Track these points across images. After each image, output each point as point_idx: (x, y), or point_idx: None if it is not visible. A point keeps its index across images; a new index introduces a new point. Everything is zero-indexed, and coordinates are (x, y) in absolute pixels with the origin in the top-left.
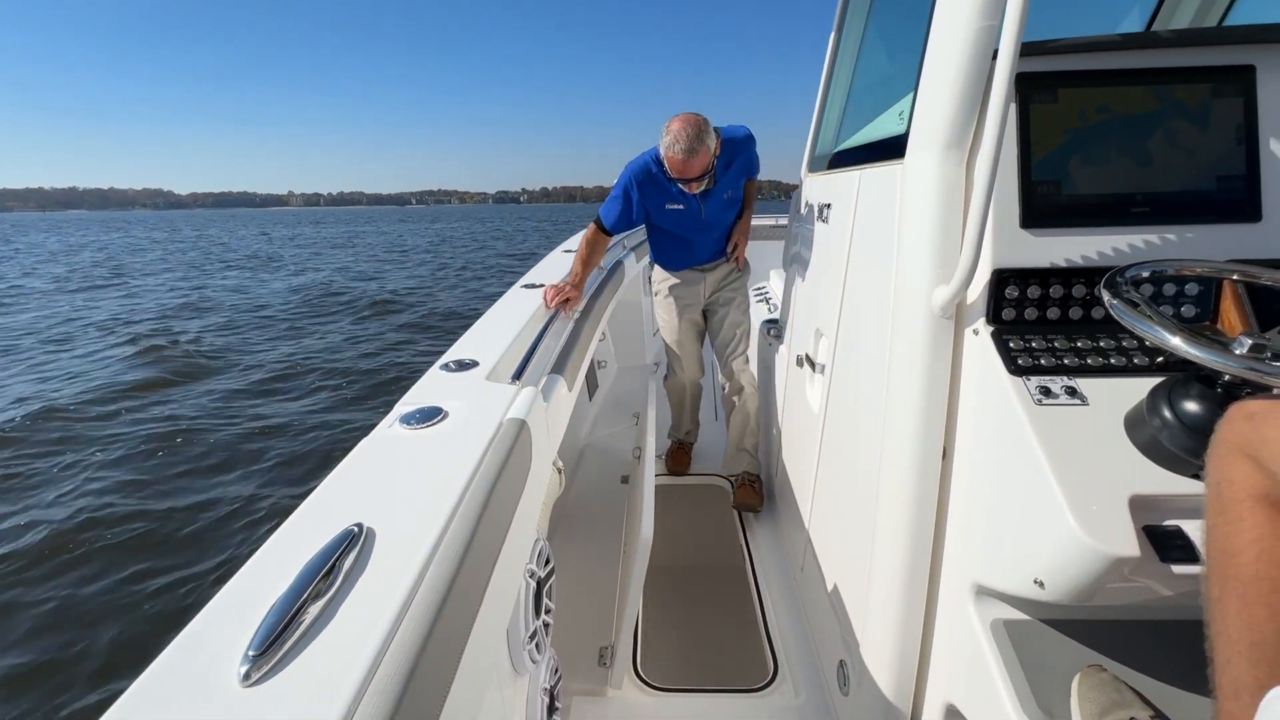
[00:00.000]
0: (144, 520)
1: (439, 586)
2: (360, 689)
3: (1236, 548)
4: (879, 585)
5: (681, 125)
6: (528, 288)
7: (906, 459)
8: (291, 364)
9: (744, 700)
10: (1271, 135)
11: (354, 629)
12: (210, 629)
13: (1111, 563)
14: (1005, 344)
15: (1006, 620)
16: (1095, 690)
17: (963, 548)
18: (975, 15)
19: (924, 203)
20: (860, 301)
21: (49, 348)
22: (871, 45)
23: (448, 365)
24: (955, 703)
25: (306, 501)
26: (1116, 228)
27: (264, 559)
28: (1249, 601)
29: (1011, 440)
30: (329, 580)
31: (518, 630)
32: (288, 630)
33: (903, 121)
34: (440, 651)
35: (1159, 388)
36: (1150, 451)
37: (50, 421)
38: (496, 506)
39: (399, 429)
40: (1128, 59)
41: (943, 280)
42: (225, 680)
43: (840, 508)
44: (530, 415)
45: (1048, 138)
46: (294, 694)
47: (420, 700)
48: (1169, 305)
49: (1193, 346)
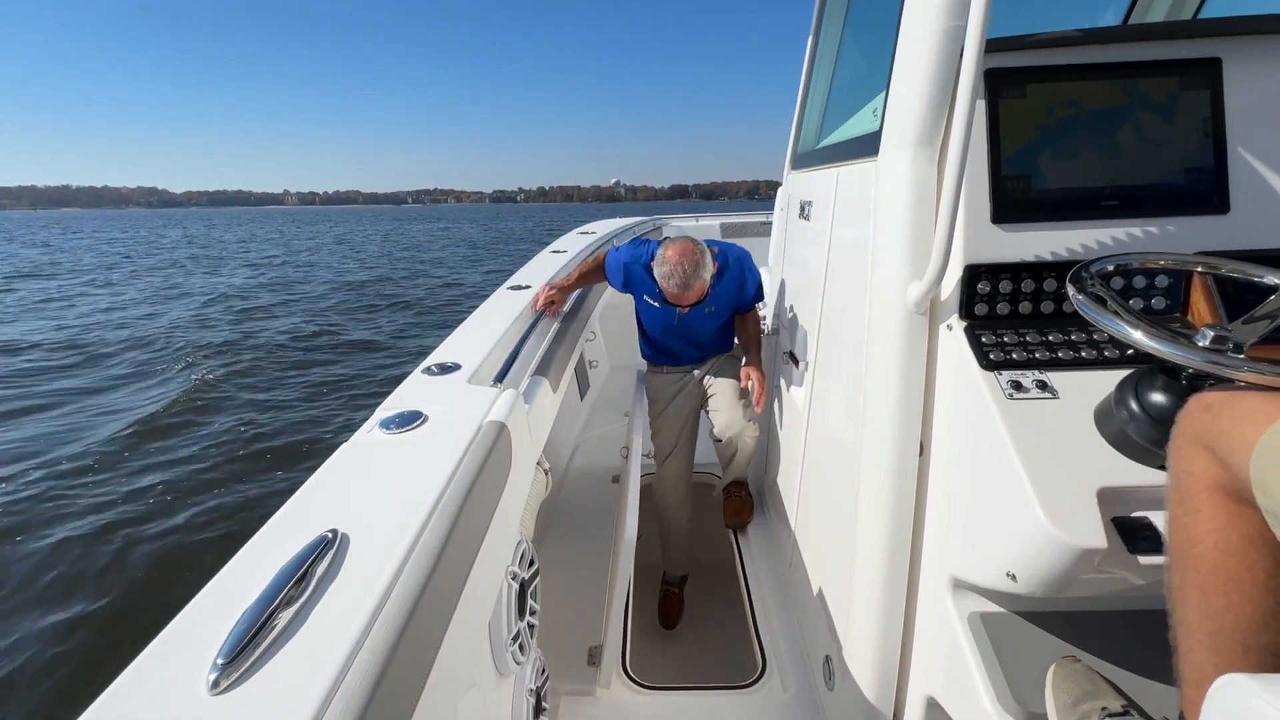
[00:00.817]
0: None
1: (412, 590)
2: (330, 693)
3: (1195, 538)
4: (861, 581)
5: (678, 258)
6: (514, 289)
7: (885, 456)
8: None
9: (732, 697)
10: (1238, 127)
11: (325, 634)
12: (180, 637)
13: (1079, 554)
14: (978, 339)
15: (984, 613)
16: (1069, 681)
17: (940, 542)
18: (942, 15)
19: (897, 199)
20: (839, 298)
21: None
22: (848, 45)
23: (429, 369)
24: (935, 695)
25: (282, 509)
26: (1086, 222)
27: (236, 567)
28: (1207, 591)
29: (984, 435)
30: (301, 587)
31: (500, 632)
32: (258, 637)
33: (876, 119)
34: (413, 654)
35: (1126, 381)
36: (1119, 444)
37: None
38: (474, 509)
39: (378, 434)
40: (1096, 53)
41: (916, 276)
42: (193, 689)
43: (825, 505)
44: (510, 418)
45: (1018, 133)
46: (262, 701)
47: (390, 703)
48: (1139, 298)
49: (1154, 340)
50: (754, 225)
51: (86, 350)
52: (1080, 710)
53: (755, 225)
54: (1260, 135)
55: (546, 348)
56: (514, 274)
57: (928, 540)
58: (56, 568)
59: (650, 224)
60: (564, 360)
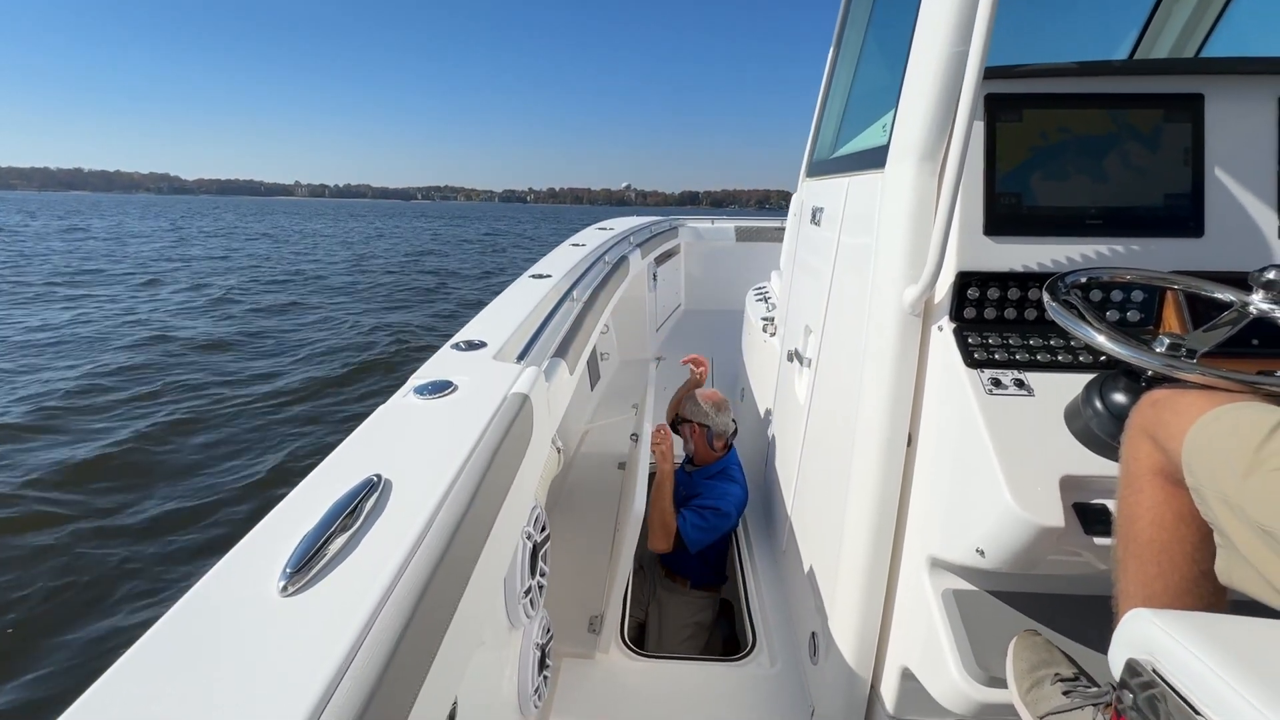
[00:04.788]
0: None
1: (445, 531)
2: (379, 605)
3: (1136, 514)
4: (846, 562)
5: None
6: (535, 277)
7: (875, 444)
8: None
9: (722, 668)
10: (1216, 158)
11: (375, 556)
12: (248, 554)
13: (1040, 532)
14: (965, 339)
15: (957, 590)
16: (1028, 651)
17: (921, 525)
18: (947, 43)
19: (899, 209)
20: (843, 300)
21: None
22: (865, 61)
23: (458, 345)
24: (910, 665)
25: (330, 456)
26: (1071, 238)
27: (293, 501)
28: (1143, 560)
29: (965, 426)
30: (353, 518)
31: (514, 585)
32: (319, 554)
33: (885, 134)
34: (446, 583)
35: (1092, 382)
36: (1084, 438)
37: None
38: (498, 469)
39: (413, 398)
40: (1088, 84)
41: (912, 281)
42: (266, 590)
43: (818, 492)
44: (533, 392)
45: (1012, 153)
46: (325, 604)
47: (430, 615)
48: (1116, 310)
49: (1116, 345)
50: (768, 230)
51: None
52: (1035, 676)
53: (769, 230)
54: (1236, 166)
55: (566, 332)
56: (535, 263)
57: (910, 523)
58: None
59: (666, 223)
60: (581, 346)
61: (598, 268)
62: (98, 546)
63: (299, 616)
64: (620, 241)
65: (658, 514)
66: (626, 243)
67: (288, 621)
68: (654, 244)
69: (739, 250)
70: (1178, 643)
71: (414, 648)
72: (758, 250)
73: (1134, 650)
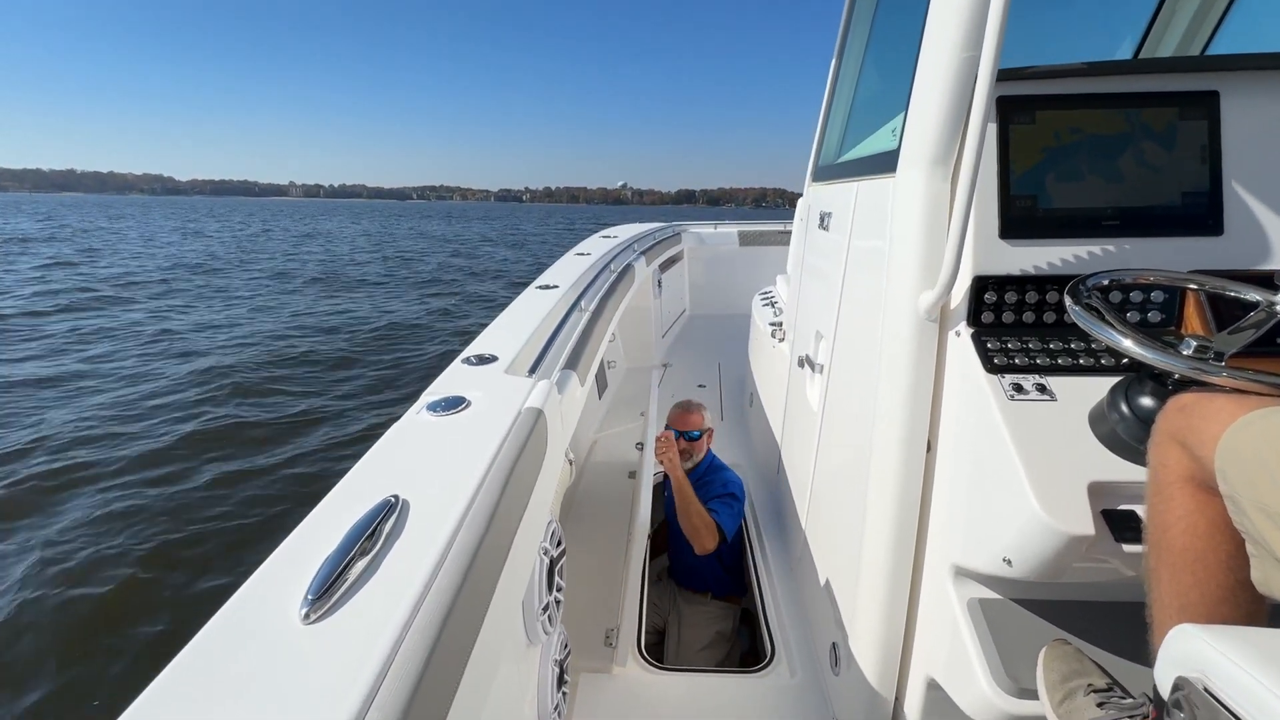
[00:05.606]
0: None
1: (466, 552)
2: (402, 632)
3: (1168, 523)
4: (867, 571)
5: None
6: (542, 288)
7: (893, 452)
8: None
9: (741, 679)
10: (1234, 155)
11: (397, 580)
12: (269, 580)
13: (1069, 540)
14: (983, 345)
15: (982, 599)
16: (1059, 661)
17: (943, 533)
18: (957, 48)
19: (912, 214)
20: (855, 305)
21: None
22: (870, 67)
23: (469, 359)
24: (935, 676)
25: (347, 476)
26: (1088, 239)
27: (312, 524)
28: (1177, 570)
29: (987, 433)
30: (372, 540)
31: (532, 602)
32: (339, 580)
33: (895, 138)
34: (468, 605)
35: (1117, 385)
36: (1110, 443)
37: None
38: (515, 486)
39: (426, 415)
40: (1100, 84)
41: (928, 286)
42: (288, 618)
43: (834, 500)
44: (546, 405)
45: (1026, 155)
46: (348, 632)
47: (454, 640)
48: (1137, 311)
49: (1142, 348)
50: (773, 234)
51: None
52: (1068, 687)
53: (773, 234)
54: (1254, 163)
55: (575, 344)
56: (541, 274)
57: (932, 531)
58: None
59: (669, 229)
60: (591, 356)
61: (604, 276)
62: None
63: (322, 646)
64: (624, 249)
65: (695, 516)
66: (631, 250)
67: (311, 650)
68: (658, 250)
69: (743, 255)
70: (1230, 660)
71: (438, 675)
72: (762, 254)
73: (1183, 668)
